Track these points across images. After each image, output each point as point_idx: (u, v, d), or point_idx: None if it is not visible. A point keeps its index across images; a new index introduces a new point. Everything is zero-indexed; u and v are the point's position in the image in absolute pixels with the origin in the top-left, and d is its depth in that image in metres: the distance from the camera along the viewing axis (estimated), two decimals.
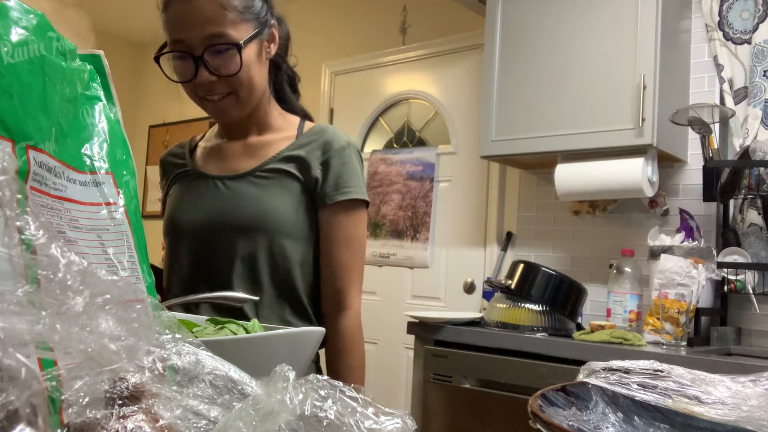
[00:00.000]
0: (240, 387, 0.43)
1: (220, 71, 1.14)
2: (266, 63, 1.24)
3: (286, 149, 1.25)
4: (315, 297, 1.28)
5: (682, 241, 2.39)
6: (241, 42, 1.14)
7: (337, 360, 1.26)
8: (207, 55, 1.13)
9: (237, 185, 1.23)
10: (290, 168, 1.23)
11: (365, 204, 1.28)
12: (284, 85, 1.34)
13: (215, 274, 1.21)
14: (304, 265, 1.25)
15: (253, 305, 1.20)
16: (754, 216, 2.44)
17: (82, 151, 0.60)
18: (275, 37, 1.24)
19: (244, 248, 1.20)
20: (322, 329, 0.86)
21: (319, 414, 0.40)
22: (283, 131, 1.30)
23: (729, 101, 2.53)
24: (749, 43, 2.53)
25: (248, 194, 1.21)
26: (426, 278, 3.48)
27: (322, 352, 1.27)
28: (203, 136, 1.38)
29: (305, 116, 1.35)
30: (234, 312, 1.17)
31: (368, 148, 3.81)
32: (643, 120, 2.34)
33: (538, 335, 2.29)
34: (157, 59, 1.17)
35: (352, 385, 0.43)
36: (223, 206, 1.22)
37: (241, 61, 1.14)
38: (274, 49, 1.24)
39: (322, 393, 0.41)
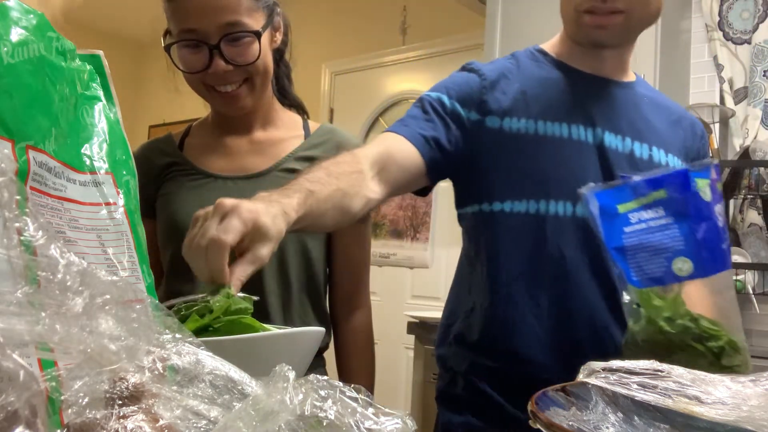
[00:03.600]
0: (240, 387, 0.43)
1: (238, 60, 1.12)
2: (272, 52, 1.22)
3: (299, 148, 1.23)
4: (327, 298, 1.28)
5: None
6: (260, 29, 1.12)
7: (355, 358, 1.26)
8: (223, 44, 1.10)
9: (253, 185, 1.18)
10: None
11: None
12: (283, 76, 1.31)
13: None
14: (323, 265, 1.24)
15: (281, 309, 1.17)
16: (754, 216, 2.44)
17: (82, 151, 0.60)
18: (281, 25, 1.22)
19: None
20: (322, 329, 0.85)
21: (319, 414, 0.40)
22: (288, 128, 1.27)
23: (729, 101, 2.53)
24: (749, 43, 2.53)
25: None
26: (426, 278, 3.48)
27: (327, 356, 1.27)
28: (187, 132, 1.30)
29: (303, 111, 1.34)
30: (256, 314, 1.15)
31: None
32: None
33: None
34: (167, 49, 1.13)
35: (352, 386, 0.43)
36: None
37: (260, 49, 1.12)
38: (279, 37, 1.22)
39: (322, 393, 0.41)
